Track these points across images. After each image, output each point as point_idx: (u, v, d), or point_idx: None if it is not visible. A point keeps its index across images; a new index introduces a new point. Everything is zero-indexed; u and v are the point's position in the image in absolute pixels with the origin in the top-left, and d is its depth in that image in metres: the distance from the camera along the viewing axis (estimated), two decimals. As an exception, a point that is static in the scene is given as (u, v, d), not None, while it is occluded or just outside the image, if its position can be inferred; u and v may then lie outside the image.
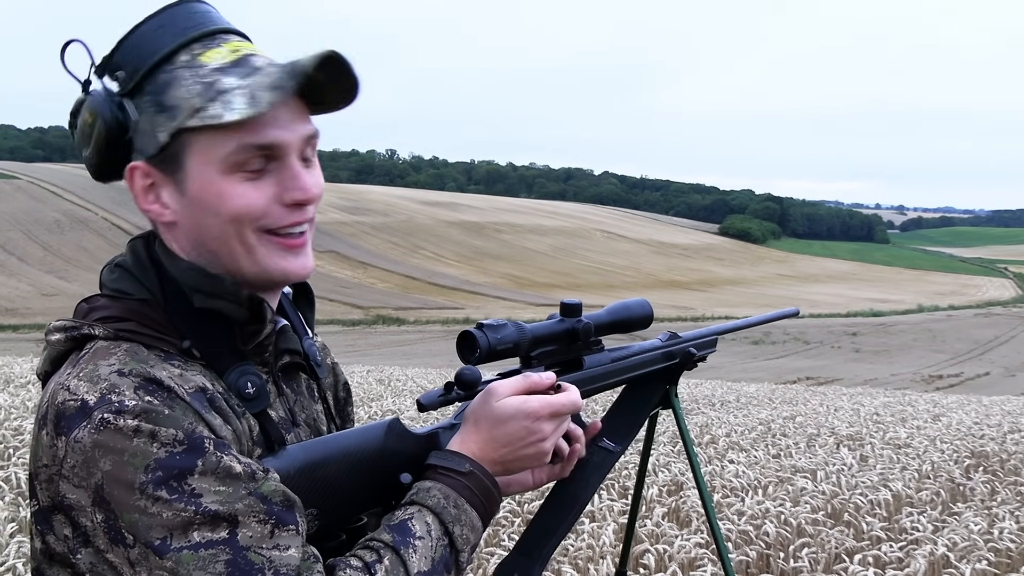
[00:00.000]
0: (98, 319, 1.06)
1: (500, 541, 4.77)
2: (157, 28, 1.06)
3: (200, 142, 1.04)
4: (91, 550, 0.98)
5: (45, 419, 0.99)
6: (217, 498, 0.95)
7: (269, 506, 0.98)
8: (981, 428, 10.70)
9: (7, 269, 72.36)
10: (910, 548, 5.03)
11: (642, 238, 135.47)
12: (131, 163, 1.07)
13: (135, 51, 1.06)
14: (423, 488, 1.11)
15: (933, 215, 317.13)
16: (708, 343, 1.63)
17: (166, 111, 1.03)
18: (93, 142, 1.07)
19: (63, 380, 1.00)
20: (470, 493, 1.12)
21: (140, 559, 0.95)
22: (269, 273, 1.10)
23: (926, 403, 16.27)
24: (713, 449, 8.41)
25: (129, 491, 0.94)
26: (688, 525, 5.39)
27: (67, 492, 0.96)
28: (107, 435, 0.94)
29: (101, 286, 1.13)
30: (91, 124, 1.06)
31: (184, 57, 1.05)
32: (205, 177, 1.05)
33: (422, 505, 1.10)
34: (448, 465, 1.14)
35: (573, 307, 1.37)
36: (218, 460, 0.97)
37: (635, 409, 1.53)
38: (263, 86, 1.02)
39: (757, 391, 18.51)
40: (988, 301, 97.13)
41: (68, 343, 1.05)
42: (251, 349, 1.12)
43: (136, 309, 1.07)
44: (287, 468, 1.05)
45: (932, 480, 7.19)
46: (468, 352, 1.25)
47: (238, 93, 1.02)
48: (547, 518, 1.40)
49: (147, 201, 1.09)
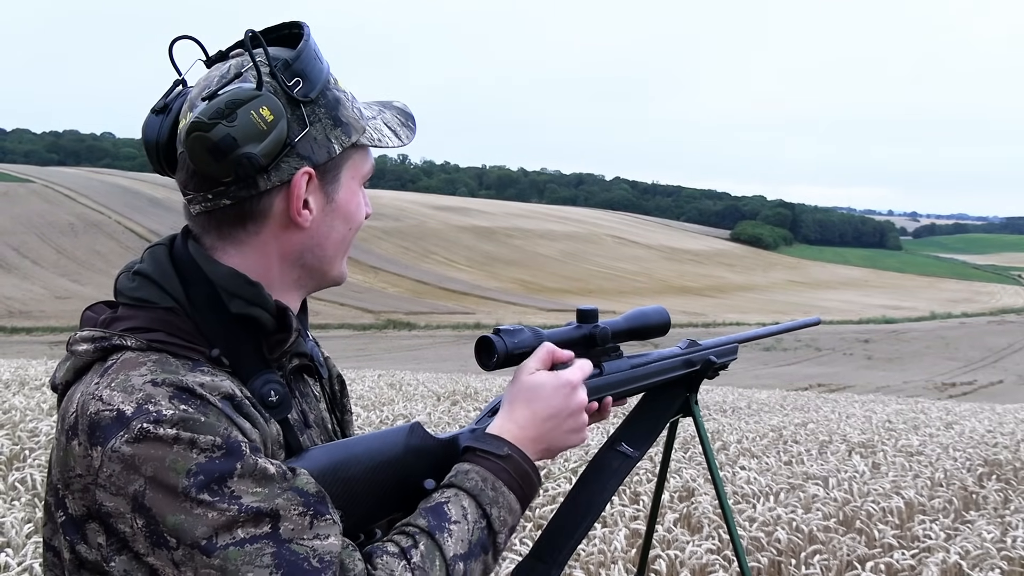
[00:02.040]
0: (126, 329, 1.07)
1: (512, 545, 4.77)
2: (316, 47, 1.13)
3: (354, 158, 1.17)
4: (126, 557, 1.00)
5: (75, 429, 1.00)
6: (256, 497, 0.98)
7: (306, 498, 1.01)
8: (994, 436, 10.64)
9: (21, 272, 72.69)
10: (922, 556, 5.01)
11: (653, 244, 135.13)
12: (302, 168, 1.10)
13: (312, 64, 1.12)
14: (461, 471, 1.15)
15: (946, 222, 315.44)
16: (729, 351, 1.63)
17: (341, 126, 1.13)
18: (269, 140, 1.06)
19: (93, 391, 1.01)
20: (508, 476, 1.15)
21: (185, 559, 0.97)
22: (343, 277, 1.23)
23: (939, 411, 16.18)
24: (724, 455, 8.39)
25: (172, 496, 0.96)
26: (700, 531, 5.38)
27: (104, 500, 0.98)
28: (147, 444, 0.97)
29: (117, 294, 1.13)
30: (271, 123, 1.06)
31: (333, 80, 1.15)
32: (351, 188, 1.18)
33: (459, 488, 1.12)
34: (487, 448, 1.17)
35: (589, 313, 1.39)
36: (254, 463, 1.00)
37: (655, 416, 1.54)
38: (399, 123, 1.22)
39: (768, 397, 18.45)
40: (1002, 308, 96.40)
41: (96, 353, 1.06)
42: (275, 357, 1.14)
43: (163, 319, 1.08)
44: (311, 471, 1.07)
45: (945, 488, 7.15)
46: (486, 357, 1.27)
47: (394, 125, 1.21)
48: (563, 522, 1.41)
49: (299, 205, 1.12)
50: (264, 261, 1.13)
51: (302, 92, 1.09)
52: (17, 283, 68.68)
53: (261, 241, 1.12)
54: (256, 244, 1.13)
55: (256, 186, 1.08)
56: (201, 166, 1.06)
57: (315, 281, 1.20)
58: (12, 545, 4.16)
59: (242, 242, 1.12)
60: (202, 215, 1.12)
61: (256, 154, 1.05)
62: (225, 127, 1.04)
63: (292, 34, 1.15)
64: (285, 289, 1.16)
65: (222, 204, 1.09)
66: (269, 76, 1.08)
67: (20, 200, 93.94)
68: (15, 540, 4.18)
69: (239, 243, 1.12)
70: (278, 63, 1.09)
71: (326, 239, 1.16)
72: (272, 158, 1.07)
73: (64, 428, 1.03)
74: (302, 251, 1.15)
